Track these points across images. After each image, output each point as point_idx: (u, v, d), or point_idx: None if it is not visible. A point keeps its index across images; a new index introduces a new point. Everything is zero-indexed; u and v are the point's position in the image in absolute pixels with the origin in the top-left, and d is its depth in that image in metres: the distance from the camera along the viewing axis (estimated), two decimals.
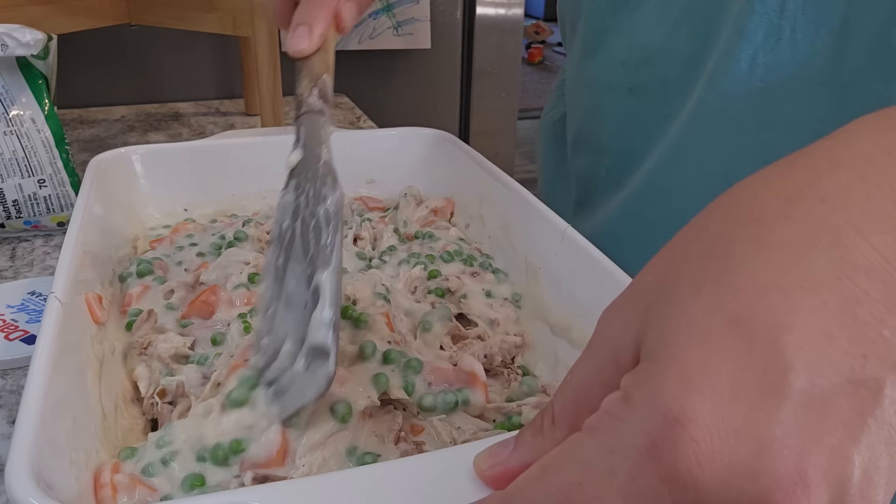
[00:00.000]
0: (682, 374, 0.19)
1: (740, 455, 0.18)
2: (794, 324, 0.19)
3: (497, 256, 0.55)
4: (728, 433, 0.18)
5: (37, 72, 0.62)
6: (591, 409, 0.23)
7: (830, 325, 0.19)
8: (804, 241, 0.20)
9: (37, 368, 0.32)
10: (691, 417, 0.19)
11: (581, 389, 0.23)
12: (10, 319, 0.51)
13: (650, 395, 0.20)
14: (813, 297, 0.19)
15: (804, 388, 0.18)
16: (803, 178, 0.21)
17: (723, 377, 0.19)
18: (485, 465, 0.26)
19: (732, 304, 0.20)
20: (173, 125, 1.05)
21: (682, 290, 0.21)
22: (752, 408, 0.18)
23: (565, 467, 0.21)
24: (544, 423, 0.24)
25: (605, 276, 0.41)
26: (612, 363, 0.22)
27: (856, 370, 0.19)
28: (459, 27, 1.36)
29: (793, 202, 0.21)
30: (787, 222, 0.21)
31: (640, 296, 0.23)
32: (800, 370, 0.19)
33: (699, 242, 0.22)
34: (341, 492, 0.26)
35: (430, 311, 0.45)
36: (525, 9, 1.42)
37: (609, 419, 0.20)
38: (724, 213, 0.22)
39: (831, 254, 0.20)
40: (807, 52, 0.43)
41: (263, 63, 0.85)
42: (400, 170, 0.65)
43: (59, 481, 0.29)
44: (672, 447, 0.19)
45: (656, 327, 0.21)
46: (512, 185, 0.54)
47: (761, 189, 0.22)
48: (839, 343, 0.19)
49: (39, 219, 0.64)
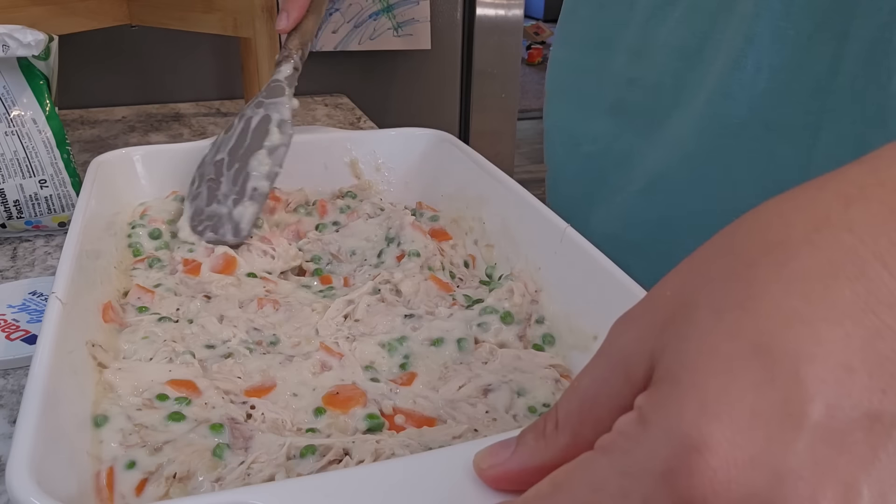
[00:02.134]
0: (701, 400, 0.19)
1: (755, 485, 0.18)
2: (816, 355, 0.19)
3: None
4: (745, 462, 0.18)
5: (38, 72, 0.62)
6: (595, 419, 0.23)
7: (852, 358, 0.19)
8: (830, 271, 0.20)
9: (38, 368, 0.32)
10: (709, 445, 0.18)
11: (587, 398, 0.23)
12: (12, 319, 0.51)
13: (667, 418, 0.19)
14: (836, 328, 0.19)
15: (822, 421, 0.18)
16: (832, 205, 0.21)
17: (743, 405, 0.19)
18: (485, 464, 0.26)
19: (755, 332, 0.19)
20: (174, 126, 1.05)
21: (703, 311, 0.21)
22: (770, 438, 0.18)
23: (578, 486, 0.21)
24: (547, 427, 0.24)
25: (605, 277, 0.41)
26: (623, 375, 0.22)
27: (874, 405, 0.19)
28: (459, 28, 1.36)
29: (820, 230, 0.21)
30: (814, 250, 0.20)
31: (657, 311, 0.22)
32: (819, 403, 0.18)
33: (722, 263, 0.22)
34: (341, 492, 0.26)
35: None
36: (525, 9, 1.42)
37: (623, 441, 0.20)
38: (750, 234, 0.22)
39: (856, 286, 0.20)
40: (806, 56, 0.43)
41: (264, 64, 0.85)
42: (400, 170, 0.66)
43: (59, 481, 0.29)
44: (688, 474, 0.18)
45: (674, 348, 0.21)
46: (512, 185, 0.54)
47: (789, 212, 0.22)
48: (860, 377, 0.19)
49: (40, 219, 0.64)
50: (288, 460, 0.34)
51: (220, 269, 0.51)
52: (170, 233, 0.56)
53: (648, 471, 0.19)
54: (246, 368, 0.41)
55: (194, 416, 0.37)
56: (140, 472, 0.33)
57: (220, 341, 0.44)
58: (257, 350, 0.43)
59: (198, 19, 0.89)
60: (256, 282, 0.50)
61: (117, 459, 0.33)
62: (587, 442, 0.22)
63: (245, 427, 0.36)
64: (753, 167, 0.48)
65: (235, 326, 0.44)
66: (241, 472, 0.33)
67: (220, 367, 0.41)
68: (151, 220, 0.56)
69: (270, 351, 0.43)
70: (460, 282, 0.53)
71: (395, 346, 0.43)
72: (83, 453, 0.33)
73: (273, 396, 0.39)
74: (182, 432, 0.36)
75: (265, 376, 0.41)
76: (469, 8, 1.35)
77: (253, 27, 0.84)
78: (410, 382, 0.41)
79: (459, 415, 0.38)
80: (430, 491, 0.26)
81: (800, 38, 0.44)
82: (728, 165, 0.49)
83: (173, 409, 0.37)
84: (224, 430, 0.35)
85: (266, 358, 0.42)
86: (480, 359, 0.43)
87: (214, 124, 1.06)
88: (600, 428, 0.22)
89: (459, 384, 0.40)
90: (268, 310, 0.47)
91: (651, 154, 0.55)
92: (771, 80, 0.45)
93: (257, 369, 0.41)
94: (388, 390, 0.40)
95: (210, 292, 0.48)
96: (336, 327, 0.45)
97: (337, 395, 0.39)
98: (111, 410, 0.36)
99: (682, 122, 0.51)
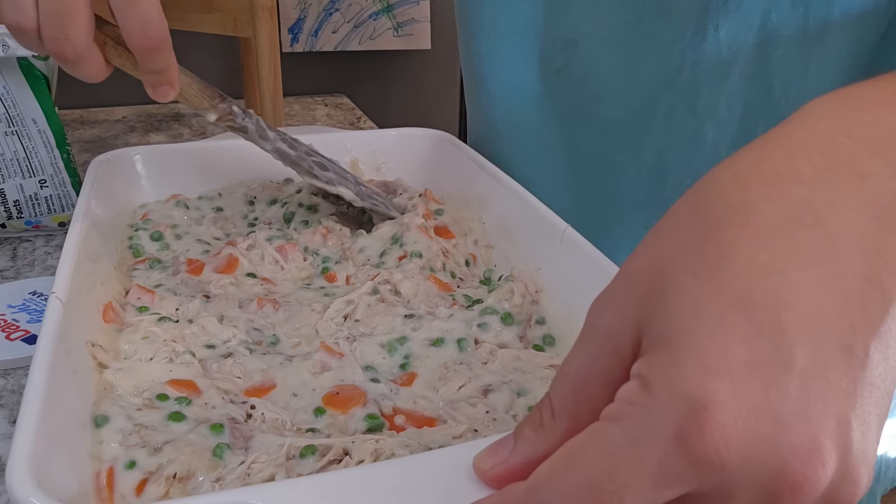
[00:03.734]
0: (700, 360, 0.20)
1: (761, 431, 0.19)
2: (792, 301, 0.20)
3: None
4: (749, 412, 0.19)
5: (38, 72, 0.62)
6: (590, 398, 0.23)
7: (822, 299, 0.20)
8: (790, 221, 0.22)
9: (38, 368, 0.32)
10: (715, 401, 0.19)
11: (579, 380, 0.24)
12: (12, 319, 0.51)
13: (671, 381, 0.20)
14: (805, 274, 0.21)
15: (809, 362, 0.20)
16: (779, 162, 0.23)
17: (738, 359, 0.20)
18: (486, 465, 0.26)
19: (736, 288, 0.21)
20: (174, 126, 1.05)
21: (683, 277, 0.22)
22: (767, 386, 0.20)
23: (592, 457, 0.21)
24: (543, 417, 0.24)
25: (605, 277, 0.41)
26: (611, 351, 0.23)
27: (846, 338, 0.20)
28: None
29: (773, 185, 0.22)
30: (772, 205, 0.22)
31: (635, 285, 0.23)
32: (804, 345, 0.20)
33: (690, 229, 0.23)
34: (341, 492, 0.26)
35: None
36: None
37: (631, 408, 0.21)
38: (708, 199, 0.23)
39: (815, 232, 0.21)
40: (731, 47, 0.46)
41: (264, 64, 0.85)
42: (400, 170, 0.66)
43: (59, 481, 0.29)
44: (699, 431, 0.19)
45: (661, 314, 0.22)
46: (512, 185, 0.54)
47: (741, 174, 0.23)
48: (830, 315, 0.20)
49: (41, 219, 0.64)
50: (288, 460, 0.34)
51: (222, 270, 0.51)
52: (173, 234, 0.56)
53: (660, 434, 0.20)
54: (246, 368, 0.41)
55: (194, 416, 0.37)
56: (140, 472, 0.33)
57: (221, 341, 0.44)
58: (257, 350, 0.43)
59: (198, 19, 0.89)
60: (255, 281, 0.50)
61: (117, 459, 0.33)
62: (586, 423, 0.22)
63: (245, 427, 0.36)
64: (683, 151, 0.53)
65: (235, 326, 0.44)
66: (241, 472, 0.33)
67: (220, 367, 0.41)
68: (155, 225, 0.56)
69: (270, 351, 0.43)
70: (461, 281, 0.53)
71: (396, 347, 0.43)
72: (83, 453, 0.33)
73: (273, 396, 0.39)
74: (182, 432, 0.36)
75: (265, 376, 0.41)
76: None
77: (253, 27, 0.84)
78: (410, 383, 0.41)
79: (459, 415, 0.38)
80: (430, 491, 0.26)
81: (719, 32, 0.47)
82: (663, 149, 0.53)
83: (173, 409, 0.37)
84: (224, 430, 0.35)
85: (266, 358, 0.42)
86: (480, 359, 0.43)
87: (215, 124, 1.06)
88: (597, 407, 0.22)
89: (459, 384, 0.40)
90: (268, 310, 0.47)
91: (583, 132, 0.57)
92: (692, 72, 0.49)
93: (257, 369, 0.41)
94: (388, 390, 0.40)
95: (209, 292, 0.48)
96: (336, 327, 0.45)
97: (337, 395, 0.39)
98: (111, 410, 0.36)
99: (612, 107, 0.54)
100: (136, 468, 0.33)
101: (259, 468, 0.33)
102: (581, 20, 0.53)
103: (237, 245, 0.53)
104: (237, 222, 0.60)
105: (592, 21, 0.52)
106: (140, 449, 0.34)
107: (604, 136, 0.55)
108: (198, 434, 0.35)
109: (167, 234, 0.56)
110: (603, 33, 0.52)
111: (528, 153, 0.61)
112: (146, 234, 0.55)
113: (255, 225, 0.59)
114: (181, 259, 0.52)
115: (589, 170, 0.58)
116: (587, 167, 0.58)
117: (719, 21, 0.46)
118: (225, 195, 0.62)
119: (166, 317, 0.45)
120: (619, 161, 0.55)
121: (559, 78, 0.56)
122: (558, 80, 0.56)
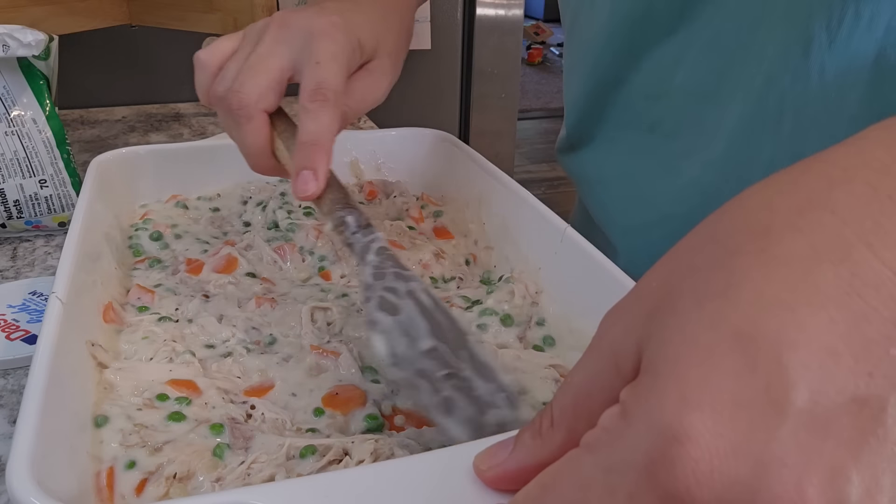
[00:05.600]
0: (682, 391, 0.19)
1: (739, 474, 0.18)
2: (798, 341, 0.18)
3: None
4: (727, 452, 0.18)
5: (38, 72, 0.62)
6: (589, 413, 0.22)
7: (837, 342, 0.18)
8: (813, 254, 0.19)
9: (38, 368, 0.32)
10: (690, 435, 0.18)
11: (580, 392, 0.23)
12: (12, 319, 0.51)
13: (648, 411, 0.19)
14: (820, 313, 0.19)
15: (806, 407, 0.18)
16: (815, 188, 0.21)
17: (723, 394, 0.18)
18: (484, 465, 0.26)
19: (736, 319, 0.19)
20: (174, 126, 1.05)
21: (685, 301, 0.20)
22: (752, 426, 0.18)
23: (565, 486, 0.21)
24: (542, 425, 0.24)
25: (605, 277, 0.41)
26: (612, 368, 0.22)
27: (860, 389, 0.18)
28: (459, 28, 1.36)
29: (803, 213, 0.20)
30: (797, 234, 0.20)
31: (643, 302, 0.22)
32: (803, 388, 0.18)
33: (706, 252, 0.21)
34: (341, 492, 0.26)
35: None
36: (525, 9, 1.42)
37: (606, 436, 0.20)
38: (733, 222, 0.22)
39: (840, 269, 0.19)
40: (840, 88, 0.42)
41: None
42: (400, 170, 0.66)
43: (59, 481, 0.29)
44: (670, 466, 0.18)
45: (657, 338, 0.21)
46: (512, 185, 0.54)
47: (772, 197, 0.21)
48: (845, 361, 0.18)
49: (41, 219, 0.64)
50: (288, 460, 0.34)
51: (221, 269, 0.51)
52: (173, 234, 0.56)
53: (631, 465, 0.19)
54: (245, 368, 0.41)
55: (194, 416, 0.37)
56: (140, 472, 0.33)
57: (220, 341, 0.44)
58: (255, 350, 0.43)
59: (198, 19, 0.89)
60: (254, 280, 0.51)
61: (117, 459, 0.33)
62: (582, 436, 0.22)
63: (245, 427, 0.36)
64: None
65: (234, 326, 0.45)
66: (241, 472, 0.33)
67: (220, 366, 0.41)
68: (155, 225, 0.56)
69: (268, 351, 0.43)
70: (460, 281, 0.53)
71: None
72: (83, 453, 0.33)
73: (272, 396, 0.39)
74: (182, 432, 0.36)
75: (263, 376, 0.41)
76: (469, 8, 1.35)
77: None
78: None
79: None
80: (429, 491, 0.26)
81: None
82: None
83: (173, 409, 0.37)
84: (224, 430, 0.35)
85: (264, 358, 0.42)
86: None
87: (214, 124, 1.06)
88: (594, 422, 0.22)
89: None
90: (265, 308, 0.47)
91: (670, 193, 0.54)
92: (795, 120, 0.44)
93: (255, 369, 0.41)
94: (389, 391, 0.40)
95: (208, 291, 0.48)
96: (318, 332, 0.45)
97: (336, 395, 0.39)
98: (111, 410, 0.36)
99: (702, 163, 0.50)
100: (136, 468, 0.33)
101: (259, 468, 0.33)
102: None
103: (235, 245, 0.53)
104: (234, 222, 0.60)
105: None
106: (140, 449, 0.34)
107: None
108: (198, 434, 0.35)
109: (167, 233, 0.56)
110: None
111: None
112: (146, 234, 0.55)
113: (251, 225, 0.59)
114: (180, 259, 0.52)
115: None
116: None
117: (825, 61, 0.42)
118: (224, 195, 0.62)
119: (166, 316, 0.45)
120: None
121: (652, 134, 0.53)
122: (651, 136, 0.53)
